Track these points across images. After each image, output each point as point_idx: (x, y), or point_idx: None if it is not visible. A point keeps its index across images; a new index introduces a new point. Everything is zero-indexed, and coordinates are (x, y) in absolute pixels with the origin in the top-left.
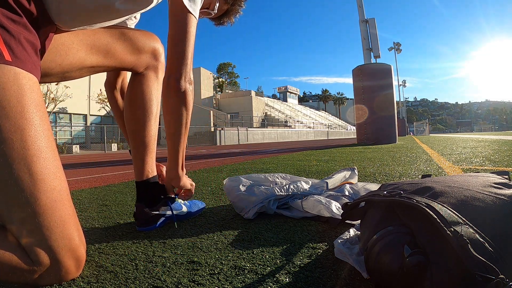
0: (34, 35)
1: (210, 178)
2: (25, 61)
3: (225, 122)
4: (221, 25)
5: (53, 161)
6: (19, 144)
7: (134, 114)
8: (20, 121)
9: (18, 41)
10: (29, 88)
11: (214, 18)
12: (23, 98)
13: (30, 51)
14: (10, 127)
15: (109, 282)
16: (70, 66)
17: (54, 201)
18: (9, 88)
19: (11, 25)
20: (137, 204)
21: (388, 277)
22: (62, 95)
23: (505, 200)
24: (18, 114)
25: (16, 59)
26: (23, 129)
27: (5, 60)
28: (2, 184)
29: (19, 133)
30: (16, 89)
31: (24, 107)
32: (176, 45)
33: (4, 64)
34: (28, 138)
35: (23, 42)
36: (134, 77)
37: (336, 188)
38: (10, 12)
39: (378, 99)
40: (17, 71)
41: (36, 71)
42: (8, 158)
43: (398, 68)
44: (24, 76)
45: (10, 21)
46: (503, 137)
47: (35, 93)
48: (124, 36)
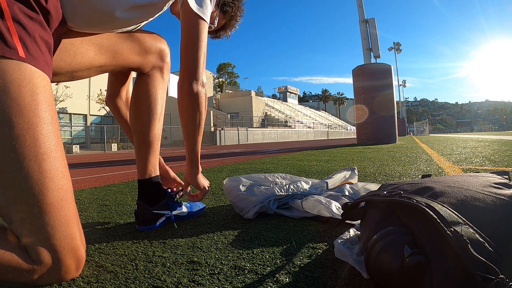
0: (48, 34)
1: (210, 178)
2: (38, 59)
3: (225, 122)
4: (217, 38)
5: (62, 161)
6: (31, 142)
7: (138, 113)
8: (34, 119)
9: (33, 38)
10: (43, 87)
11: (211, 32)
12: (37, 96)
13: (44, 49)
14: (24, 124)
15: (109, 282)
16: (79, 66)
17: (60, 200)
18: (24, 85)
19: (27, 21)
20: (138, 202)
21: (388, 277)
22: (62, 95)
23: (505, 200)
24: (31, 112)
25: (30, 57)
26: (36, 127)
27: (19, 57)
28: (10, 181)
29: (31, 130)
30: (31, 87)
31: (37, 105)
32: (189, 50)
33: (19, 60)
34: (40, 136)
35: (38, 40)
36: (140, 77)
37: (336, 188)
38: (27, 8)
39: (378, 99)
40: (33, 69)
41: (48, 70)
42: (19, 155)
43: (398, 68)
44: (38, 74)
45: (27, 17)
46: (503, 137)
47: (47, 92)
48: (132, 37)
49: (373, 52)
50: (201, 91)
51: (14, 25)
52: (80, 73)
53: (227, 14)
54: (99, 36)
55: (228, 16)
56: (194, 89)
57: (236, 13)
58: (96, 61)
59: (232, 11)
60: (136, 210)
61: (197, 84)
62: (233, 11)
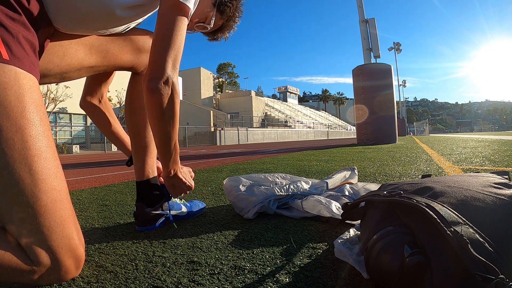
0: (33, 34)
1: (210, 178)
2: (23, 60)
3: (225, 122)
4: (215, 40)
5: (53, 161)
6: (20, 144)
7: (134, 114)
8: (21, 121)
9: (17, 39)
10: (29, 88)
11: (208, 33)
12: (24, 98)
13: (29, 50)
14: (11, 127)
15: (109, 282)
16: (68, 67)
17: (54, 201)
18: (10, 87)
19: (10, 23)
20: (137, 203)
21: (388, 277)
22: (62, 95)
23: (505, 200)
24: (19, 114)
25: (14, 58)
26: (24, 129)
27: (3, 59)
28: (2, 184)
29: (20, 133)
30: (17, 89)
31: (24, 107)
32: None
33: (2, 63)
34: (29, 138)
35: (22, 41)
36: (134, 77)
37: (336, 188)
38: (9, 10)
39: (378, 99)
40: (18, 71)
41: (35, 70)
42: (9, 158)
43: (398, 68)
44: (24, 76)
45: (9, 19)
46: (503, 137)
47: (35, 93)
48: (124, 36)
49: (373, 52)
50: (163, 91)
51: None
52: (71, 74)
53: (225, 15)
54: (89, 36)
55: (225, 16)
56: (154, 86)
57: (234, 14)
58: (86, 62)
59: (230, 11)
60: (135, 212)
61: (160, 82)
62: (231, 11)
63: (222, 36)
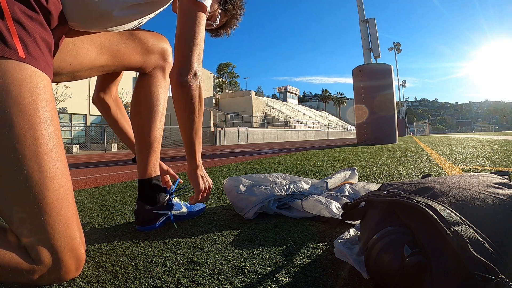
0: (49, 33)
1: (210, 178)
2: (38, 59)
3: (225, 122)
4: (218, 36)
5: (62, 160)
6: (32, 141)
7: (139, 113)
8: (34, 119)
9: (33, 38)
10: (43, 87)
11: (211, 30)
12: (38, 96)
13: (44, 49)
14: (24, 124)
15: (109, 282)
16: (80, 66)
17: (60, 200)
18: (25, 85)
19: (28, 22)
20: (138, 202)
21: (388, 277)
22: (62, 95)
23: (505, 200)
24: (32, 112)
25: (30, 57)
26: (36, 127)
27: (19, 57)
28: (10, 181)
29: (32, 130)
30: (32, 87)
31: (38, 105)
32: (182, 37)
33: (19, 61)
34: (41, 136)
35: (38, 40)
36: (142, 77)
37: (336, 188)
38: (27, 8)
39: (378, 99)
40: (33, 70)
41: (49, 70)
42: (20, 155)
43: (398, 68)
44: (39, 75)
45: (27, 17)
46: (503, 137)
47: (48, 93)
48: (134, 37)
49: (373, 52)
50: (192, 83)
51: (14, 25)
52: (82, 73)
53: (229, 12)
54: (100, 36)
55: (229, 14)
56: (184, 80)
57: (237, 12)
58: (98, 61)
59: (234, 10)
60: (136, 210)
61: (189, 75)
62: (234, 9)
63: (225, 33)
